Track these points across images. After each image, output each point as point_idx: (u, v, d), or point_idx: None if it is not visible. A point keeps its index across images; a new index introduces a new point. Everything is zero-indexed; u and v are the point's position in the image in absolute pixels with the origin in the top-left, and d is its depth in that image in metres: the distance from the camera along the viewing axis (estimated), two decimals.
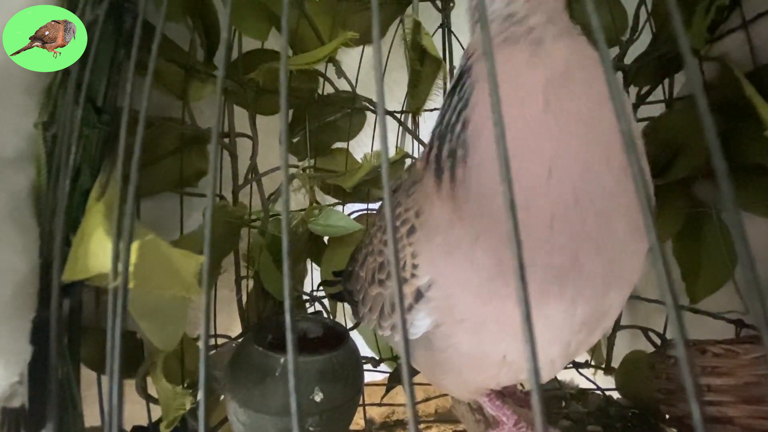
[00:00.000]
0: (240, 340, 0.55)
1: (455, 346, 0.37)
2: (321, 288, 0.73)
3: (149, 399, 0.49)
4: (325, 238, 0.71)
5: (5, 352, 0.33)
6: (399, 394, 0.79)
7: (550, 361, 0.36)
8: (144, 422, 0.50)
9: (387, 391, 0.72)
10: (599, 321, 0.36)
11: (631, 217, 0.30)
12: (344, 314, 0.74)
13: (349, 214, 0.71)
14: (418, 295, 0.35)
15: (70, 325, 0.40)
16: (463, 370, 0.38)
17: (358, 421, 0.74)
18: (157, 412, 0.47)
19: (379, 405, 0.78)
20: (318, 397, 0.45)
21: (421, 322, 0.36)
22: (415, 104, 0.56)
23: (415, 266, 0.35)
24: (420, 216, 0.36)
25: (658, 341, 0.59)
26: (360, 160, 0.70)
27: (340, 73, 0.62)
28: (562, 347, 0.35)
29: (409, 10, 0.64)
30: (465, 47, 0.74)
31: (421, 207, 0.36)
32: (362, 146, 0.75)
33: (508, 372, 0.37)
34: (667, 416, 0.52)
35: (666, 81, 0.59)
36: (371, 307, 0.43)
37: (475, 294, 0.33)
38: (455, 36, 0.73)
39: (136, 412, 0.50)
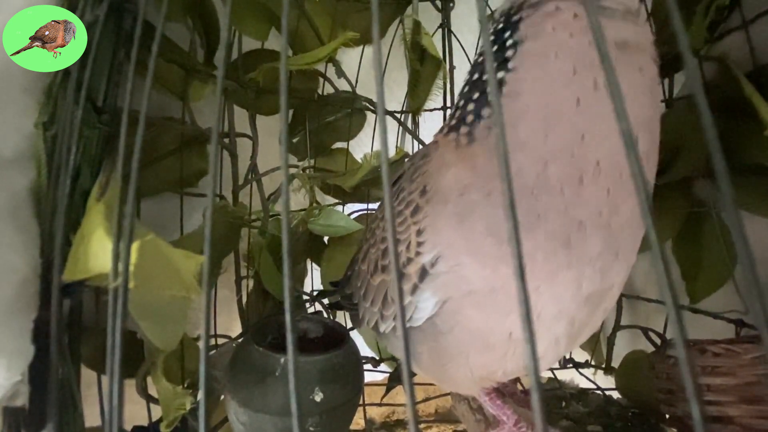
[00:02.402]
0: (240, 340, 0.55)
1: (461, 324, 0.36)
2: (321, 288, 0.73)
3: (149, 399, 0.49)
4: (325, 238, 0.71)
5: (8, 352, 0.33)
6: (399, 394, 0.79)
7: (555, 341, 0.36)
8: (144, 422, 0.50)
9: (387, 391, 0.72)
10: (602, 298, 0.36)
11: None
12: (344, 314, 0.74)
13: (349, 214, 0.71)
14: (423, 273, 0.35)
15: (71, 325, 0.40)
16: (470, 352, 0.38)
17: (358, 421, 0.74)
18: (157, 411, 0.47)
19: (379, 405, 0.78)
20: (318, 397, 0.45)
21: (425, 304, 0.36)
22: (415, 104, 0.56)
23: (420, 243, 0.35)
24: (426, 193, 0.36)
25: (658, 341, 0.59)
26: (360, 160, 0.70)
27: (340, 73, 0.63)
28: (567, 324, 0.35)
29: (409, 10, 0.64)
30: (464, 47, 0.75)
31: (428, 183, 0.36)
32: (362, 146, 0.75)
33: (514, 354, 0.37)
34: (668, 416, 0.52)
35: (666, 81, 0.59)
36: (373, 298, 0.43)
37: (484, 260, 0.33)
38: (455, 36, 0.73)
39: (136, 411, 0.50)
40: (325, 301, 0.72)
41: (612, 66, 0.16)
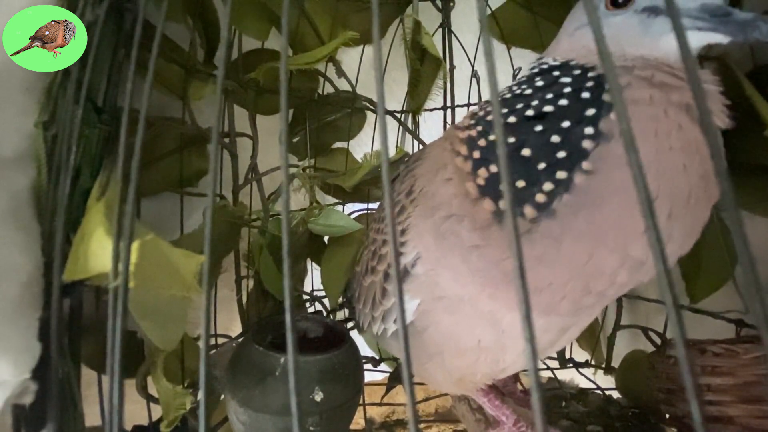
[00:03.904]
0: (240, 340, 0.55)
1: (434, 326, 0.37)
2: (321, 288, 0.73)
3: (149, 398, 0.49)
4: (325, 238, 0.71)
5: (15, 350, 0.33)
6: (399, 394, 0.79)
7: (523, 352, 0.36)
8: (144, 422, 0.50)
9: (387, 391, 0.72)
10: (575, 327, 0.36)
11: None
12: (344, 314, 0.74)
13: (349, 214, 0.71)
14: (405, 274, 0.36)
15: (71, 325, 0.40)
16: (444, 353, 0.39)
17: (358, 420, 0.74)
18: (157, 411, 0.47)
19: (380, 405, 0.78)
20: (318, 396, 0.45)
21: (408, 305, 0.37)
22: (415, 104, 0.56)
23: (402, 243, 0.35)
24: (411, 194, 0.36)
25: (658, 341, 0.59)
26: (360, 160, 0.70)
27: (340, 72, 0.62)
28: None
29: (409, 9, 0.64)
30: (464, 47, 0.75)
31: (415, 185, 0.36)
32: (362, 146, 0.75)
33: (486, 360, 0.37)
34: (667, 416, 0.52)
35: None
36: (364, 300, 0.43)
37: (455, 274, 0.33)
38: (455, 36, 0.73)
39: (136, 411, 0.50)
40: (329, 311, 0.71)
41: (614, 67, 0.16)
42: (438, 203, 0.33)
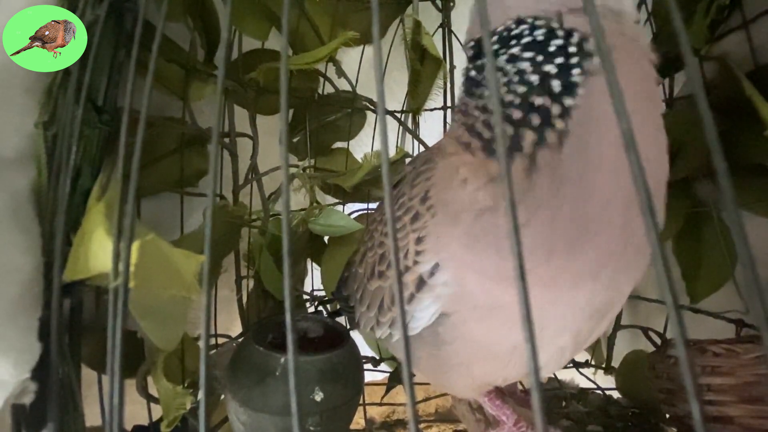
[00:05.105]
0: (240, 340, 0.55)
1: (465, 336, 0.36)
2: (321, 288, 0.73)
3: (150, 398, 0.49)
4: (325, 238, 0.71)
5: (15, 350, 0.33)
6: (399, 394, 0.79)
7: (559, 350, 0.36)
8: (145, 422, 0.50)
9: (387, 391, 0.72)
10: (608, 309, 0.35)
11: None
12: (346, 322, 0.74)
13: (350, 214, 0.71)
14: (420, 283, 0.35)
15: (71, 325, 0.40)
16: (472, 362, 0.38)
17: (358, 420, 0.74)
18: (157, 411, 0.47)
19: (380, 404, 0.78)
20: (318, 396, 0.45)
21: (423, 313, 0.35)
22: (415, 104, 0.56)
23: (418, 252, 0.34)
24: (427, 200, 0.35)
25: (659, 341, 0.59)
26: (360, 160, 0.70)
27: (341, 72, 0.63)
28: (571, 336, 0.35)
29: (409, 9, 0.64)
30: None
31: (431, 191, 0.35)
32: (362, 146, 0.75)
33: (517, 362, 0.36)
34: (668, 416, 0.52)
35: (666, 81, 0.59)
36: (370, 303, 0.43)
37: (491, 278, 0.32)
38: (455, 36, 0.73)
39: (136, 411, 0.50)
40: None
41: (612, 63, 0.16)
42: (460, 208, 0.32)
